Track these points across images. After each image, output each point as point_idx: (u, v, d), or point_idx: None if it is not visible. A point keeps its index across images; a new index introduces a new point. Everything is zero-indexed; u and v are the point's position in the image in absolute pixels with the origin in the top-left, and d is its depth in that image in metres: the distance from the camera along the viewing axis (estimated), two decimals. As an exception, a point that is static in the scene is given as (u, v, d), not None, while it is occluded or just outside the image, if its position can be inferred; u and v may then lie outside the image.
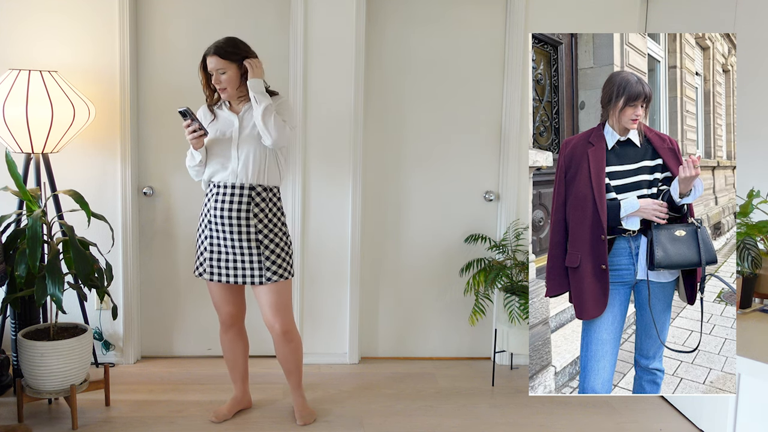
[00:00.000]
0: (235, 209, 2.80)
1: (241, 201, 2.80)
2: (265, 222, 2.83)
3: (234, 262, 2.85)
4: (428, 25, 3.71)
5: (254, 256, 2.83)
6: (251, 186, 2.81)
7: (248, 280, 2.85)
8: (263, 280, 2.84)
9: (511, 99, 3.72)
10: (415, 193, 3.83)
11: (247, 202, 2.80)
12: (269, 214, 2.85)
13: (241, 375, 3.13)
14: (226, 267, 2.86)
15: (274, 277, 2.84)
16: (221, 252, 2.85)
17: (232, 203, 2.80)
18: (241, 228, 2.81)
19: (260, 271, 2.83)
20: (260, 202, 2.83)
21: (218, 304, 3.00)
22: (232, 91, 2.82)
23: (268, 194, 2.85)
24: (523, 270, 3.55)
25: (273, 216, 2.87)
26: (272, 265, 2.84)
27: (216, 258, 2.87)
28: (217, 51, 2.78)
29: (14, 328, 3.17)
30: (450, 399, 3.40)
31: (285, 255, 2.89)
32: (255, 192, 2.81)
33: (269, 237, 2.84)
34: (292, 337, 2.98)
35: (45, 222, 3.05)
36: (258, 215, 2.82)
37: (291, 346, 2.99)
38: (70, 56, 3.47)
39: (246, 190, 2.80)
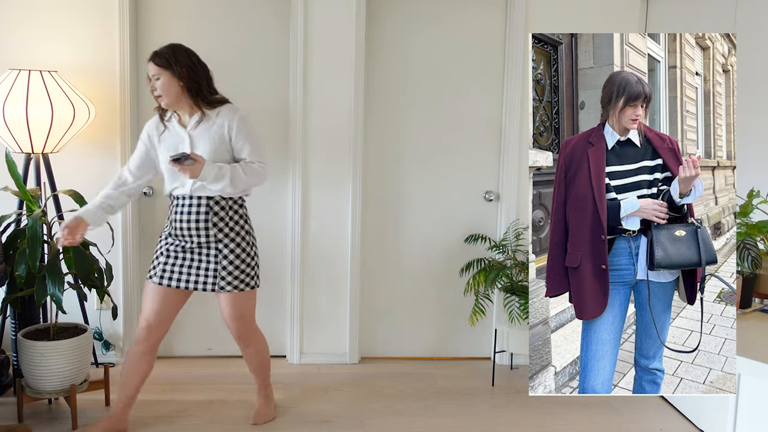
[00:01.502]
0: (194, 220, 2.74)
1: (199, 212, 2.73)
2: (225, 231, 2.76)
3: (189, 268, 2.78)
4: (428, 25, 3.71)
5: (211, 264, 2.77)
6: (209, 197, 2.74)
7: (200, 286, 2.78)
8: (216, 288, 2.77)
9: (511, 99, 3.72)
10: (415, 192, 3.83)
11: (205, 212, 2.73)
12: (230, 223, 2.78)
13: (128, 395, 2.91)
14: (179, 272, 2.78)
15: (228, 287, 2.77)
16: (177, 257, 2.78)
17: (191, 214, 2.74)
18: (201, 239, 2.75)
19: (214, 279, 2.77)
20: (219, 211, 2.75)
21: (144, 310, 2.85)
22: (169, 101, 2.70)
23: (227, 203, 2.77)
24: (523, 270, 3.55)
25: (235, 224, 2.79)
26: (228, 276, 2.77)
27: (171, 263, 2.79)
28: (152, 57, 2.70)
29: (14, 328, 3.17)
30: (450, 399, 3.40)
31: (245, 266, 2.81)
32: (213, 201, 2.74)
33: (229, 247, 2.76)
34: (248, 343, 2.98)
35: (45, 222, 3.05)
36: (218, 224, 2.75)
37: (249, 350, 3.01)
38: (70, 56, 3.47)
39: (204, 200, 2.74)
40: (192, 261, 2.78)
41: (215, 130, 2.72)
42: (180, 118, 2.78)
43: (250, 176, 2.72)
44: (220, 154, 2.73)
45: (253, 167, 2.73)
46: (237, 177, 2.69)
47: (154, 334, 2.86)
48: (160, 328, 2.86)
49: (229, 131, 2.73)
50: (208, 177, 2.64)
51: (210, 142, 2.71)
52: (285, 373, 3.66)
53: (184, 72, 2.68)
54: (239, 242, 2.79)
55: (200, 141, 2.72)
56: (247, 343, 2.98)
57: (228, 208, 2.78)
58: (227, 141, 2.74)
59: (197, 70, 2.72)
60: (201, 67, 2.75)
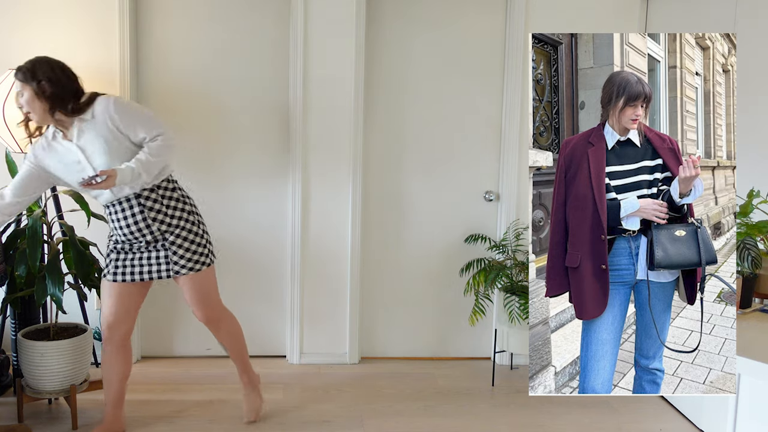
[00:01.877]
0: (132, 223, 2.66)
1: (134, 213, 2.65)
2: (167, 221, 2.69)
3: (140, 260, 2.72)
4: (428, 25, 3.71)
5: (161, 251, 2.71)
6: (135, 195, 2.65)
7: (155, 275, 2.72)
8: (171, 273, 2.72)
9: (511, 99, 3.72)
10: (415, 192, 3.83)
11: (140, 212, 2.65)
12: (168, 211, 2.69)
13: (113, 397, 2.87)
14: (132, 265, 2.72)
15: (183, 271, 2.72)
16: (128, 252, 2.73)
17: (127, 218, 2.66)
18: (147, 237, 2.69)
19: (167, 266, 2.72)
20: (153, 205, 2.67)
21: (103, 310, 2.79)
22: (38, 117, 2.55)
23: (156, 194, 2.68)
24: (523, 270, 3.55)
25: (173, 210, 2.71)
26: (180, 259, 2.71)
27: (122, 258, 2.73)
28: (15, 72, 2.56)
29: (14, 328, 3.17)
30: (450, 399, 3.40)
31: (195, 246, 2.75)
32: (143, 198, 2.65)
33: (174, 233, 2.70)
34: (218, 326, 2.92)
35: (45, 222, 3.05)
36: (156, 218, 2.67)
37: (220, 333, 2.94)
38: (70, 56, 3.46)
39: (133, 200, 2.65)
40: (143, 252, 2.72)
41: (100, 130, 2.57)
42: (64, 133, 2.62)
43: (159, 155, 2.59)
44: (120, 151, 2.60)
45: (156, 145, 2.59)
46: (149, 165, 2.57)
47: (118, 332, 2.79)
48: (122, 325, 2.80)
49: (113, 123, 2.57)
50: (126, 180, 2.53)
51: (102, 146, 2.57)
52: (285, 373, 3.66)
53: (45, 86, 2.53)
54: (183, 225, 2.72)
55: (93, 149, 2.58)
56: (217, 326, 2.92)
57: (160, 198, 2.69)
58: (118, 134, 2.58)
59: (60, 81, 2.56)
60: (65, 77, 2.59)
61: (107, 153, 2.58)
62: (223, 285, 3.77)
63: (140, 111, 2.64)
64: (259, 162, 3.71)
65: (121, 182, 2.52)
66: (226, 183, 3.71)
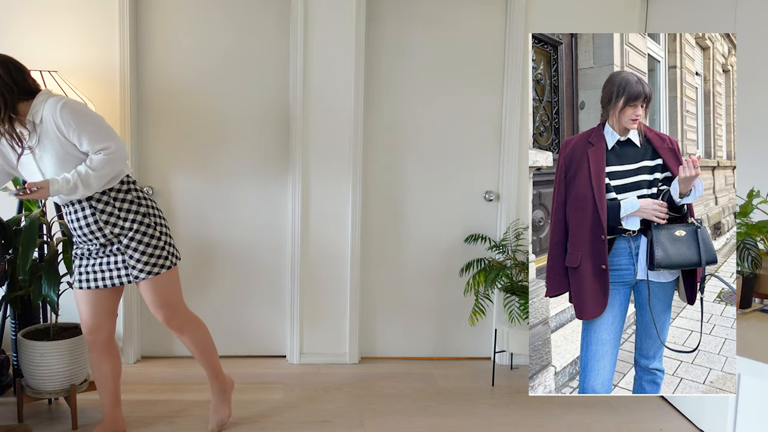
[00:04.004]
0: (84, 225, 2.59)
1: (86, 215, 2.58)
2: (120, 224, 2.60)
3: (100, 266, 2.64)
4: (428, 25, 3.71)
5: (118, 256, 2.63)
6: (87, 198, 2.57)
7: (116, 281, 2.64)
8: (131, 279, 2.63)
9: (511, 99, 3.72)
10: (415, 192, 3.83)
11: (92, 214, 2.57)
12: (121, 214, 2.60)
13: (109, 398, 2.84)
14: (94, 272, 2.65)
15: (141, 275, 2.62)
16: (90, 258, 2.66)
17: (79, 220, 2.59)
18: (100, 239, 2.61)
19: (126, 271, 2.63)
20: (105, 207, 2.58)
21: (80, 316, 2.74)
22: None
23: (108, 196, 2.59)
24: (523, 270, 3.55)
25: (126, 213, 2.61)
26: (137, 264, 2.61)
27: (85, 264, 2.66)
28: None
29: (14, 328, 3.17)
30: (450, 399, 3.40)
31: (152, 249, 2.63)
32: (94, 200, 2.57)
33: (128, 236, 2.60)
34: (183, 330, 2.80)
35: (45, 222, 3.05)
36: (109, 220, 2.59)
37: (184, 338, 2.82)
38: (70, 56, 3.47)
39: (84, 203, 2.57)
40: (101, 258, 2.65)
41: (49, 133, 2.46)
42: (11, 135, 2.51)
43: (100, 169, 2.48)
44: (71, 157, 2.50)
45: (98, 159, 2.48)
46: (88, 180, 2.47)
47: (100, 336, 2.75)
48: (103, 329, 2.75)
49: (59, 130, 2.45)
50: (62, 191, 2.46)
51: (52, 150, 2.48)
52: (285, 373, 3.66)
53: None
54: (137, 228, 2.61)
55: (41, 153, 2.49)
56: (182, 330, 2.80)
57: (112, 200, 2.59)
58: (65, 141, 2.48)
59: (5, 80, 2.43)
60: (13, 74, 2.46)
61: (57, 158, 2.49)
62: (222, 284, 3.77)
63: (87, 121, 2.48)
64: (260, 162, 3.71)
65: (55, 193, 2.46)
66: (226, 183, 3.71)
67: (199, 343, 2.86)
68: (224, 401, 2.97)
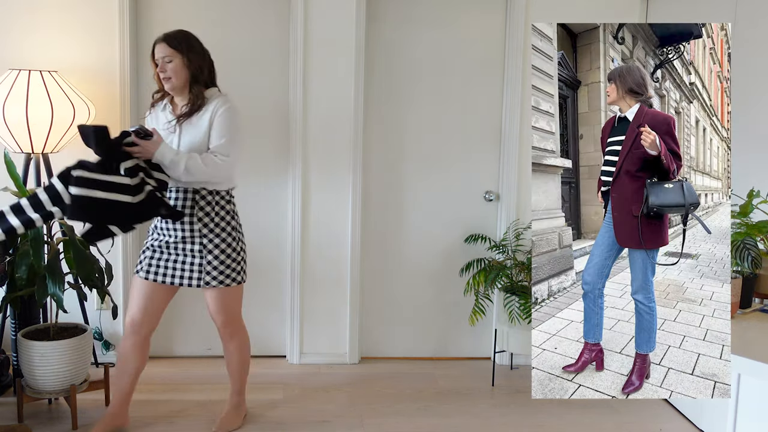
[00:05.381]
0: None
1: (184, 206, 2.71)
2: (210, 226, 2.73)
3: (174, 263, 2.75)
4: (428, 24, 3.71)
5: (196, 258, 2.73)
6: (194, 190, 2.72)
7: (185, 282, 2.75)
8: (201, 284, 2.74)
9: (511, 99, 3.72)
10: (415, 192, 3.83)
11: (190, 206, 2.71)
12: (216, 218, 2.74)
13: (123, 391, 2.90)
14: (165, 267, 2.76)
15: (213, 282, 2.75)
16: (163, 252, 2.76)
17: (176, 207, 2.71)
18: (185, 232, 2.72)
19: (199, 275, 2.74)
20: (205, 206, 2.72)
21: (131, 305, 2.83)
22: (177, 83, 2.67)
23: (213, 198, 2.74)
24: (523, 270, 3.55)
25: (221, 220, 2.76)
26: (213, 270, 2.74)
27: (157, 257, 2.76)
28: (165, 38, 2.67)
29: (14, 328, 3.17)
30: (450, 399, 3.40)
31: (231, 261, 2.77)
32: (199, 196, 2.72)
33: (214, 242, 2.73)
34: (232, 336, 2.92)
35: (45, 222, 3.04)
36: (203, 219, 2.72)
37: (231, 345, 2.94)
38: (70, 56, 3.46)
39: (189, 194, 2.72)
40: (177, 256, 2.75)
41: (203, 119, 2.70)
42: (174, 107, 2.77)
43: (208, 167, 2.65)
44: (201, 147, 2.71)
45: (213, 159, 2.66)
46: (194, 166, 2.63)
47: (143, 329, 2.83)
48: (148, 323, 2.83)
49: (211, 120, 2.69)
50: (164, 158, 2.60)
51: (196, 132, 2.70)
52: (285, 373, 3.66)
53: (194, 58, 2.68)
54: (224, 237, 2.75)
55: (187, 129, 2.71)
56: (231, 336, 2.92)
57: (214, 204, 2.75)
58: (208, 130, 2.70)
59: (204, 59, 2.73)
60: (207, 57, 2.76)
61: (192, 141, 2.70)
62: (223, 285, 3.77)
63: (234, 128, 2.71)
64: (259, 162, 3.71)
65: (160, 156, 2.60)
66: (226, 183, 3.70)
67: (242, 355, 2.98)
68: (238, 413, 3.05)
